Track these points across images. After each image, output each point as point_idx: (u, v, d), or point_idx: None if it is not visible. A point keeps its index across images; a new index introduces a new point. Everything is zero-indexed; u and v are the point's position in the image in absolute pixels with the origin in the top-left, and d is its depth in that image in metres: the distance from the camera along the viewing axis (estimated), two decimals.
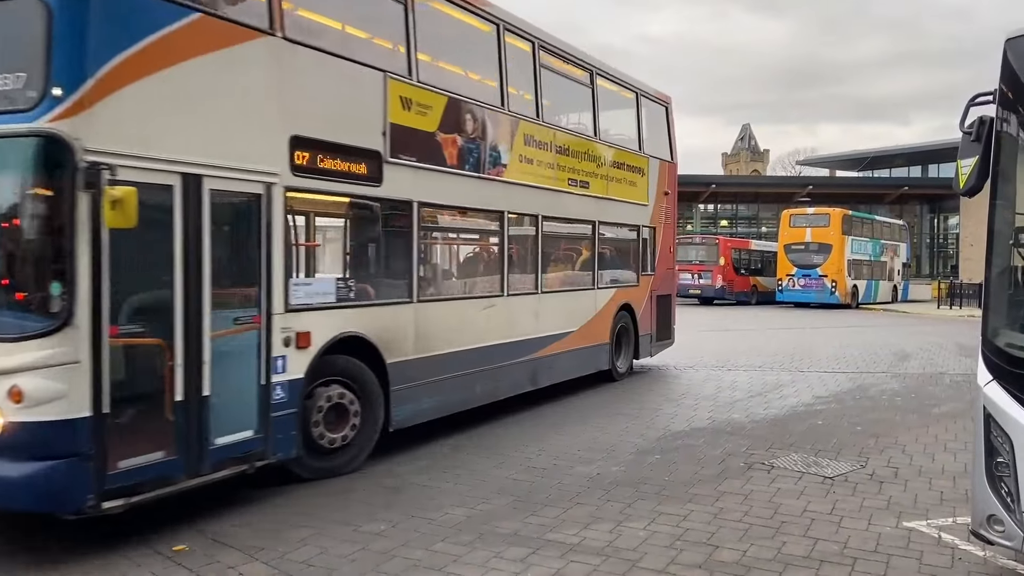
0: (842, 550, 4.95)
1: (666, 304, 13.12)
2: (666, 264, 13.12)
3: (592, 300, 10.85)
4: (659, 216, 12.70)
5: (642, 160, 12.15)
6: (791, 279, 33.97)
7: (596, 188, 10.79)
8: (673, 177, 13.33)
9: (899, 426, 8.80)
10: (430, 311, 7.63)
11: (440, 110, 7.66)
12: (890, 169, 59.53)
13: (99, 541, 4.92)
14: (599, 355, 11.04)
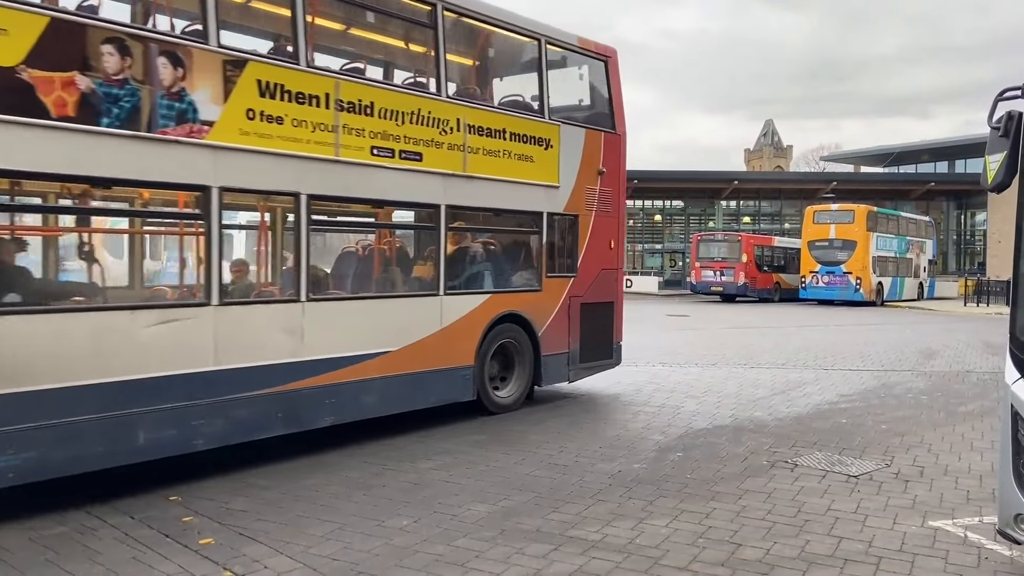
0: (867, 549, 4.91)
1: (602, 315, 10.23)
2: (602, 263, 10.23)
3: (432, 310, 8.14)
4: (584, 201, 9.89)
5: (547, 129, 9.31)
6: (815, 276, 33.72)
7: (440, 162, 8.07)
8: (616, 152, 10.37)
9: (925, 424, 8.71)
10: (16, 326, 5.24)
11: (31, 35, 5.26)
12: (916, 165, 58.78)
13: (125, 535, 4.99)
14: (450, 382, 8.27)
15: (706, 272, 36.06)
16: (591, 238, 10.03)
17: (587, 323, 9.90)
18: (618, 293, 10.61)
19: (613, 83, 10.37)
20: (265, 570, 4.47)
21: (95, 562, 4.57)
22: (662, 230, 52.48)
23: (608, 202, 10.28)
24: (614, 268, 10.55)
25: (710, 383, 11.39)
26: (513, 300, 9.08)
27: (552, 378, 9.53)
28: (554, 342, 9.48)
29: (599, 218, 10.16)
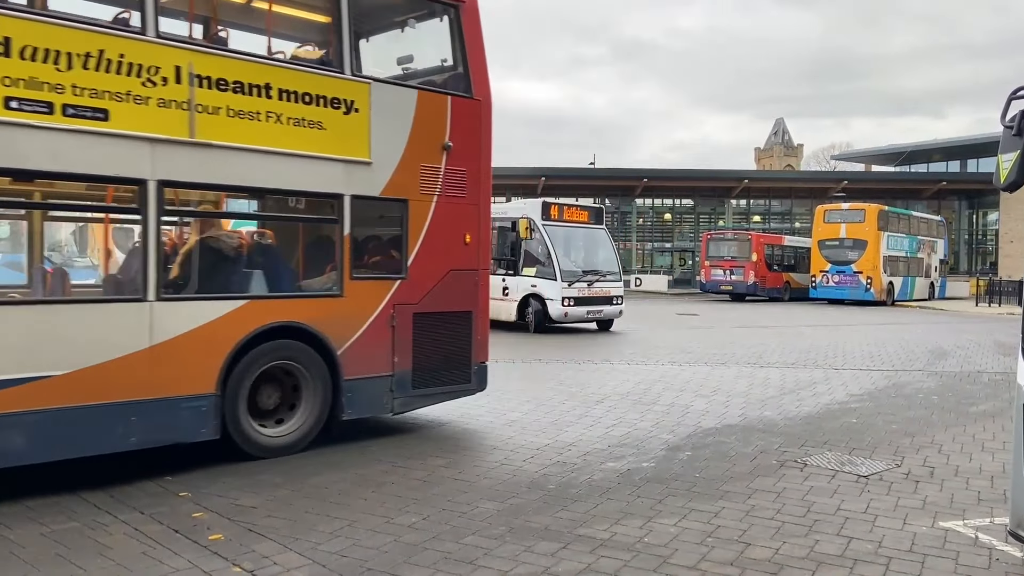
0: (876, 549, 4.89)
1: (452, 329, 8.05)
2: (451, 262, 8.00)
3: (133, 320, 6.08)
4: (419, 183, 7.70)
5: (348, 88, 7.20)
6: (825, 275, 33.60)
7: (143, 122, 6.04)
8: (475, 122, 8.19)
9: (935, 425, 8.67)
10: None
11: None
12: (927, 164, 58.48)
13: (135, 531, 5.02)
14: (169, 417, 6.23)
15: (716, 271, 35.97)
16: (431, 230, 7.80)
17: (425, 338, 7.76)
18: (479, 300, 8.30)
19: (468, 36, 8.12)
20: (274, 566, 4.49)
21: (105, 557, 4.59)
22: (672, 229, 52.38)
23: (461, 185, 8.03)
24: (472, 268, 8.21)
25: (719, 382, 11.36)
26: (290, 308, 6.98)
27: (363, 408, 7.44)
28: (366, 362, 7.34)
29: (446, 205, 7.90)
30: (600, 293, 18.74)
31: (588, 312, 18.58)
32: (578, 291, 18.13)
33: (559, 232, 18.45)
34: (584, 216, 19.52)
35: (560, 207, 18.92)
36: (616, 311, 19.32)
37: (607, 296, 18.97)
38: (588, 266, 18.94)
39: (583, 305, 18.33)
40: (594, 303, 18.64)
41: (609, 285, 19.01)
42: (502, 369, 12.43)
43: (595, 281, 18.53)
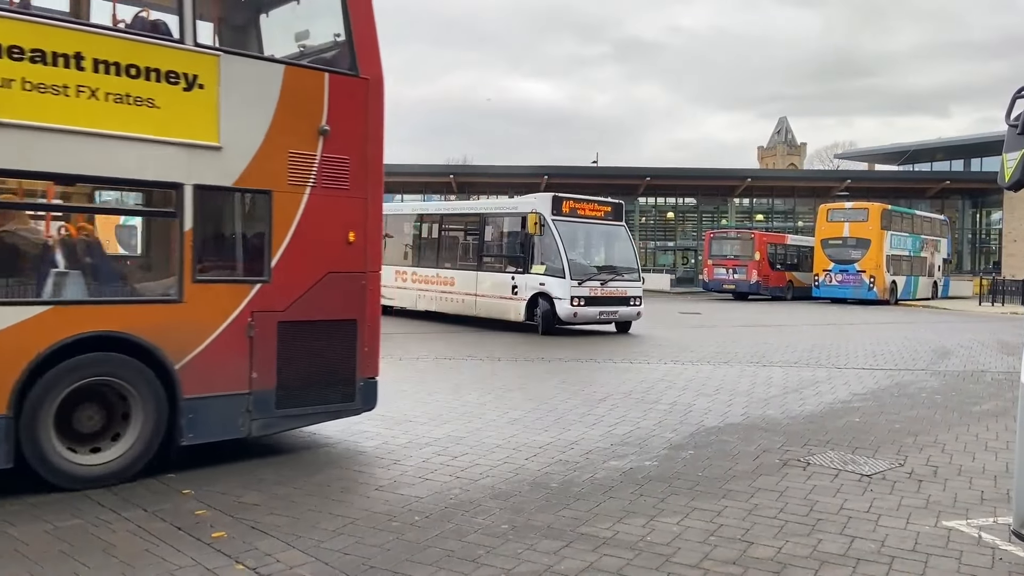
0: (879, 548, 4.89)
1: (330, 340, 6.98)
2: (330, 263, 6.95)
3: None
4: (286, 173, 6.66)
5: (188, 60, 6.21)
6: (828, 274, 33.58)
7: None
8: (360, 104, 7.11)
9: (939, 424, 8.66)
10: None
11: None
12: (931, 163, 58.37)
13: (139, 528, 5.03)
14: None
15: (718, 270, 35.96)
16: (303, 227, 6.75)
17: (294, 351, 6.69)
18: (366, 307, 7.18)
19: (353, 4, 7.14)
20: (277, 564, 4.50)
21: (109, 554, 4.60)
22: (674, 227, 52.34)
23: (343, 176, 6.96)
24: (357, 271, 7.11)
25: (722, 381, 11.35)
26: (110, 316, 5.98)
27: (210, 431, 6.39)
28: (214, 379, 6.34)
29: (323, 198, 6.86)
30: (615, 293, 17.76)
31: (600, 313, 17.60)
32: (589, 290, 17.17)
33: (571, 228, 17.59)
34: (601, 212, 18.45)
35: (573, 201, 17.97)
36: (633, 312, 18.27)
37: (622, 296, 17.97)
38: (603, 264, 18.19)
39: (595, 305, 17.34)
40: (608, 303, 17.66)
41: (625, 285, 18.06)
42: (503, 368, 12.43)
43: (609, 280, 17.63)
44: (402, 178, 48.62)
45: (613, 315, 18.02)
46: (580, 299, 17.01)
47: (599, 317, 17.72)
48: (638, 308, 18.37)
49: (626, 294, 18.09)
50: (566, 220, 17.55)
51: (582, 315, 17.22)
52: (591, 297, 17.25)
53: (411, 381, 10.77)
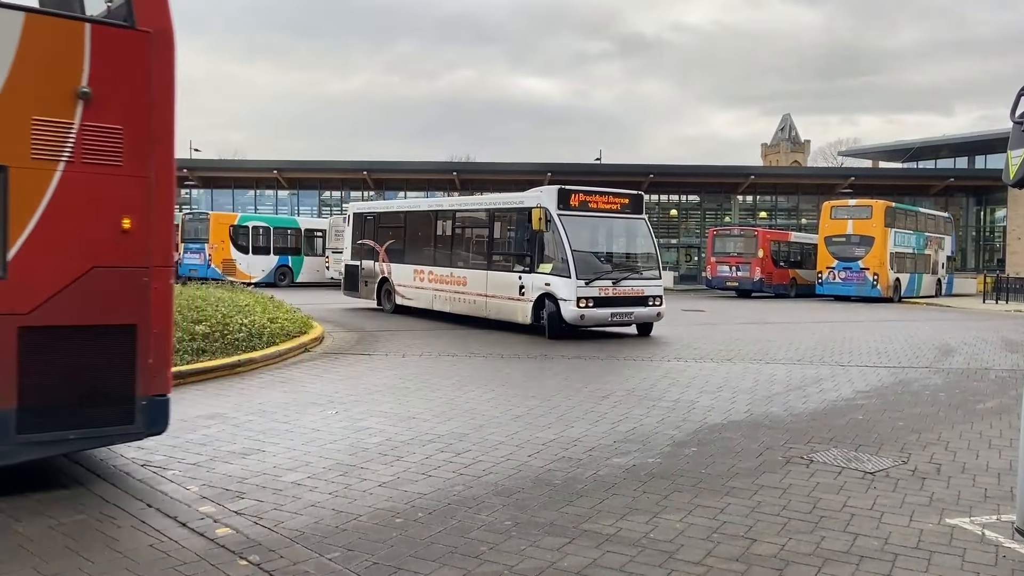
0: (883, 546, 4.89)
1: (108, 349, 5.72)
2: (94, 256, 5.68)
3: None
4: (33, 144, 5.43)
5: None
6: (831, 272, 33.53)
7: None
8: (136, 62, 5.78)
9: (942, 422, 8.65)
10: None
11: None
12: (935, 160, 58.23)
13: (142, 523, 5.04)
14: None
15: (722, 267, 35.93)
16: (54, 211, 5.53)
17: (45, 363, 5.46)
18: (149, 309, 5.84)
19: None
20: (281, 559, 4.51)
21: (113, 550, 4.62)
22: (678, 225, 52.28)
23: (114, 149, 5.71)
24: (138, 266, 5.82)
25: (725, 378, 11.35)
26: None
27: None
28: None
29: (85, 177, 5.62)
30: (630, 293, 16.33)
31: (613, 315, 16.10)
32: (599, 290, 15.80)
33: (579, 223, 16.29)
34: (616, 204, 17.05)
35: (584, 194, 16.68)
36: (652, 314, 16.79)
37: (639, 296, 16.51)
38: (618, 261, 17.01)
39: (606, 307, 15.92)
40: (621, 304, 16.18)
41: (642, 283, 16.63)
42: (507, 365, 12.44)
43: (622, 279, 16.23)
44: (405, 175, 48.71)
45: (628, 317, 16.46)
46: (588, 300, 15.65)
47: (611, 319, 16.19)
48: (658, 309, 16.84)
49: (643, 293, 16.60)
50: (574, 214, 16.26)
51: (591, 317, 15.85)
52: (601, 298, 15.85)
53: (414, 379, 10.78)
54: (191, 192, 50.17)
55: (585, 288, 15.64)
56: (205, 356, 10.78)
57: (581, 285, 15.61)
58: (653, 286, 16.85)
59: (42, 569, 4.34)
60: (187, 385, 9.73)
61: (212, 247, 33.96)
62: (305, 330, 14.28)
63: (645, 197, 19.29)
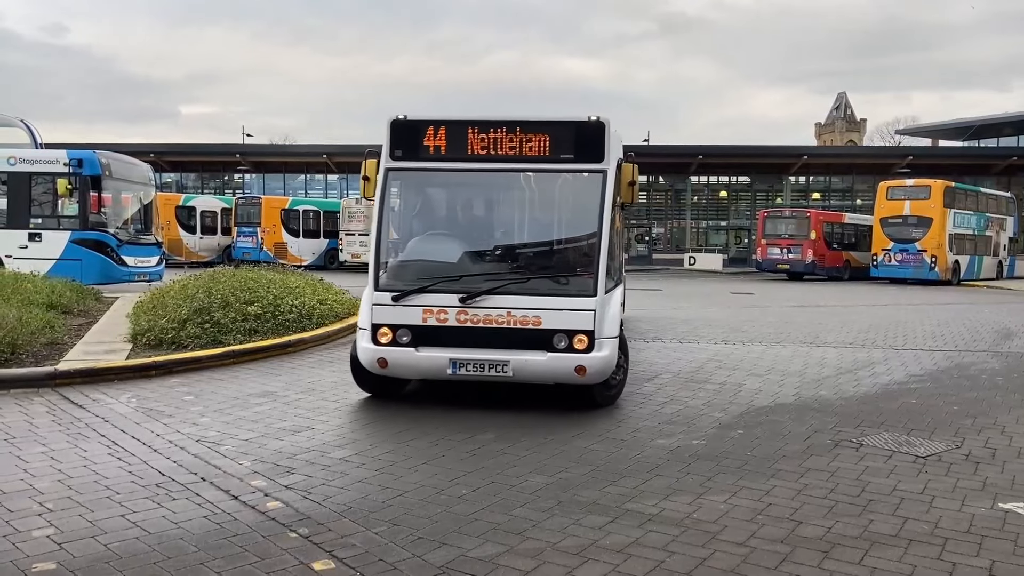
0: (932, 530, 4.80)
1: None
2: None
3: None
4: None
5: None
6: (887, 254, 32.75)
7: None
8: None
9: (999, 406, 8.43)
10: None
11: None
12: (998, 138, 56.28)
13: (196, 495, 5.19)
14: None
15: (772, 249, 35.36)
16: None
17: None
18: None
19: None
20: (329, 532, 4.62)
21: (168, 520, 4.78)
22: (727, 207, 51.55)
23: None
24: None
25: (774, 361, 11.20)
26: None
27: None
28: None
29: None
30: (499, 321, 7.54)
31: (458, 364, 7.55)
32: (423, 313, 7.62)
33: (430, 182, 8.70)
34: (535, 143, 7.91)
35: (453, 127, 8.05)
36: (560, 367, 7.48)
37: (523, 330, 7.51)
38: (503, 257, 8.38)
39: (441, 346, 7.62)
40: (480, 342, 7.57)
41: (537, 302, 7.53)
42: None
43: (482, 293, 7.58)
44: None
45: (498, 367, 7.52)
46: (398, 332, 7.66)
47: (456, 372, 7.60)
48: (583, 358, 7.43)
49: (537, 324, 7.50)
50: (421, 167, 8.18)
51: (405, 366, 7.76)
52: (431, 329, 7.62)
53: None
54: (244, 177, 51.09)
55: (392, 309, 7.67)
56: (257, 336, 11.01)
57: (385, 302, 7.71)
58: (571, 308, 7.51)
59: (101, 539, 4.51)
60: (240, 364, 9.97)
61: (264, 231, 34.62)
62: (353, 312, 14.46)
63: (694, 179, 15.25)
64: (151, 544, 4.43)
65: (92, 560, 4.22)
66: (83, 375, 8.66)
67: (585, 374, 7.45)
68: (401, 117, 8.07)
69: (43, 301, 11.81)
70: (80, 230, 17.52)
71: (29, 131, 19.70)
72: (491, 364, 7.48)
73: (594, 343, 7.43)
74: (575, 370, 7.42)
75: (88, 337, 10.86)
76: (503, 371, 7.50)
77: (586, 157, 7.91)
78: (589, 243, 7.83)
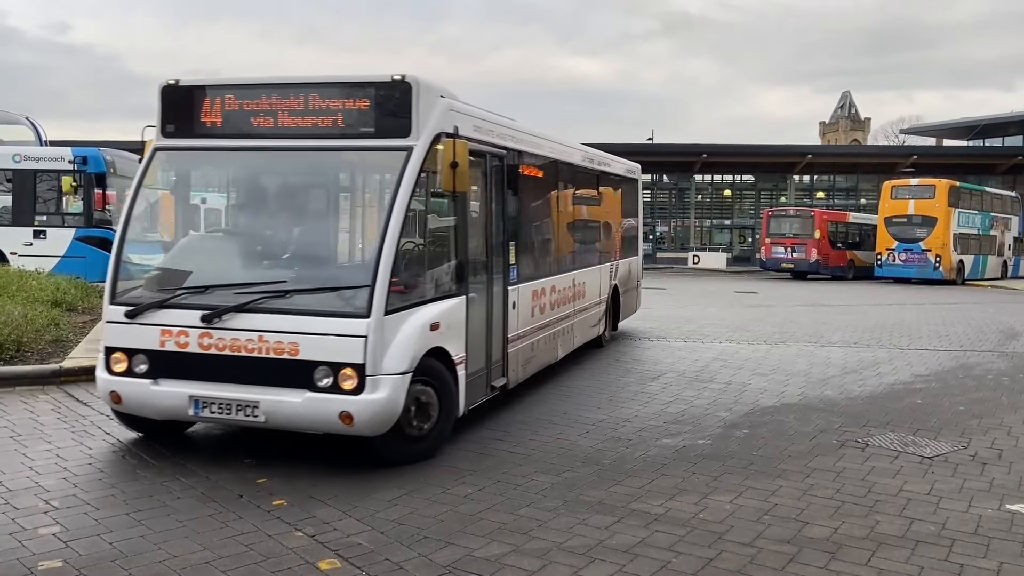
0: (939, 531, 4.79)
1: None
2: None
3: None
4: None
5: None
6: (891, 253, 32.62)
7: None
8: None
9: (1005, 407, 8.40)
10: None
11: None
12: (1003, 138, 56.06)
13: (202, 495, 5.20)
14: None
15: (776, 248, 35.25)
16: None
17: None
18: None
19: None
20: (334, 531, 4.62)
21: (174, 519, 4.78)
22: (731, 205, 51.44)
23: None
24: None
25: (779, 361, 11.17)
26: None
27: None
28: None
29: None
30: (249, 347, 5.68)
31: (200, 402, 5.77)
32: (161, 335, 5.88)
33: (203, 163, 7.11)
34: (329, 108, 6.12)
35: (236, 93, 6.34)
36: (320, 414, 5.53)
37: (278, 360, 5.62)
38: (245, 261, 6.45)
39: (182, 377, 5.85)
40: (224, 375, 5.75)
41: (299, 325, 5.62)
42: None
43: (225, 312, 5.72)
44: None
45: (247, 410, 5.70)
46: (139, 358, 5.96)
47: (197, 413, 5.83)
48: (347, 400, 5.47)
49: (294, 353, 5.60)
50: (193, 146, 6.60)
51: (143, 402, 6.02)
52: (176, 355, 5.86)
53: None
54: None
55: (127, 328, 6.03)
56: None
57: (118, 319, 6.08)
58: (337, 333, 5.58)
59: (105, 537, 4.50)
60: None
61: None
62: None
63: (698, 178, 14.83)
64: (156, 543, 4.43)
65: (98, 558, 4.22)
66: (88, 372, 8.61)
67: (353, 424, 5.45)
68: (173, 82, 6.42)
69: (48, 298, 11.81)
70: (85, 227, 17.54)
71: (34, 128, 19.71)
72: (239, 405, 5.67)
73: (364, 381, 5.45)
74: (339, 417, 5.45)
75: (93, 335, 10.87)
76: (253, 415, 5.65)
77: (387, 131, 6.01)
78: (370, 245, 5.91)
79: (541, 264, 8.93)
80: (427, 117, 6.05)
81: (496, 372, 7.38)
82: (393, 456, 5.88)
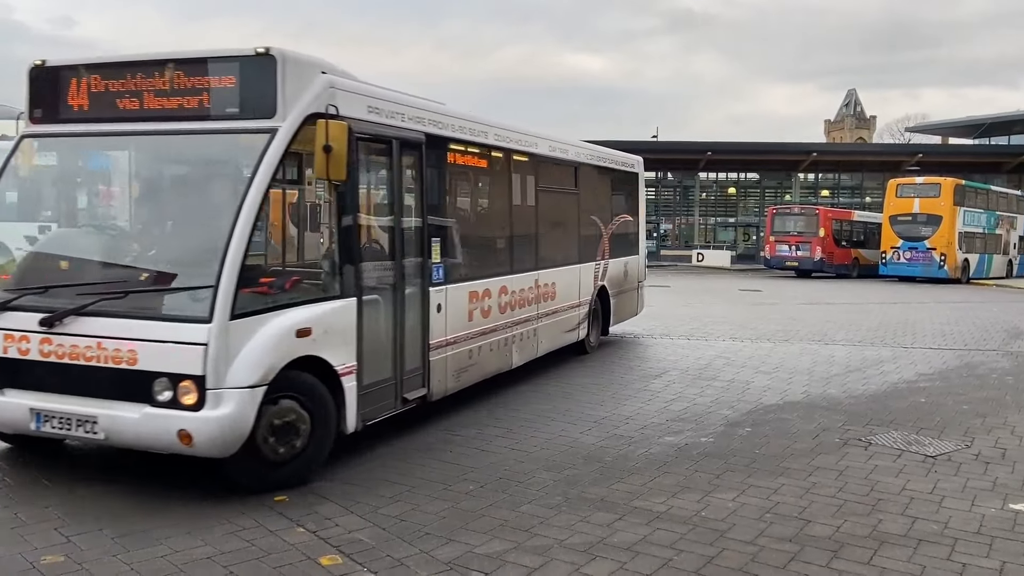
0: (942, 530, 4.78)
1: None
2: None
3: None
4: None
5: None
6: (896, 252, 32.52)
7: None
8: None
9: (1009, 406, 8.37)
10: None
11: None
12: (1008, 136, 55.87)
13: (204, 490, 5.21)
14: None
15: (781, 246, 35.18)
16: None
17: None
18: None
19: None
20: (336, 527, 4.62)
21: (176, 513, 4.78)
22: (736, 203, 51.37)
23: None
24: None
25: (782, 359, 11.15)
26: None
27: None
28: None
29: None
30: (87, 354, 5.06)
31: (40, 414, 5.16)
32: (3, 340, 5.31)
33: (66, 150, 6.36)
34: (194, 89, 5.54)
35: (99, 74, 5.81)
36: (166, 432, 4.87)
37: (115, 371, 5.00)
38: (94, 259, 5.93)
39: (28, 391, 5.25)
40: (69, 385, 5.14)
41: (132, 329, 5.00)
42: None
43: (63, 315, 5.11)
44: None
45: (83, 429, 5.07)
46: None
47: (41, 429, 5.20)
48: (185, 416, 4.82)
49: (132, 360, 4.96)
50: (58, 132, 6.03)
51: None
52: (16, 363, 5.29)
53: None
54: None
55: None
56: None
57: None
58: (175, 340, 4.91)
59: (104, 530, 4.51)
60: None
61: None
62: None
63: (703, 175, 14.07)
64: (158, 538, 4.44)
65: (101, 553, 4.23)
66: None
67: (192, 444, 4.81)
68: (40, 63, 5.97)
69: None
70: None
71: None
72: (79, 420, 5.05)
73: (205, 396, 4.81)
74: (178, 436, 4.80)
75: None
76: (92, 431, 5.03)
77: (251, 111, 5.43)
78: (217, 240, 5.04)
79: (486, 263, 8.15)
80: (297, 95, 5.42)
81: (412, 382, 6.60)
82: (251, 482, 5.17)
